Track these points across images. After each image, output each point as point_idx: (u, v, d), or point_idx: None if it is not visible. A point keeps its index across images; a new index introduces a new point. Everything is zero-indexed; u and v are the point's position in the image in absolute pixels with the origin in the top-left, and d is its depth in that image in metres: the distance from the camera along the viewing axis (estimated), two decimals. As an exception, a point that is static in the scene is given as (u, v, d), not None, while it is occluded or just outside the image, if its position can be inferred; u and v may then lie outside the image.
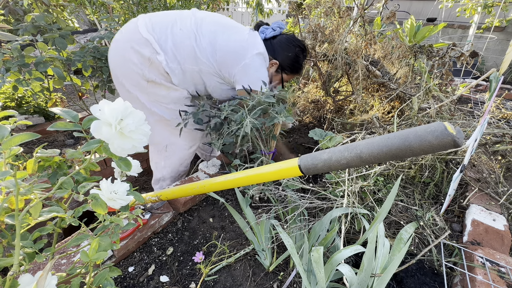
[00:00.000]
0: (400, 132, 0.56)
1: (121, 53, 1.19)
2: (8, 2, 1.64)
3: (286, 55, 1.32)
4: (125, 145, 0.50)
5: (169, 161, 1.44)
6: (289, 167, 0.73)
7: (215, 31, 1.21)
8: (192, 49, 1.18)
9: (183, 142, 1.42)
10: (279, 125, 1.15)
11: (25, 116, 1.78)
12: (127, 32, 1.19)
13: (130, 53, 1.16)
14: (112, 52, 1.23)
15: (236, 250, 1.06)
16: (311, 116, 2.30)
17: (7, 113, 0.59)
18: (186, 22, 1.19)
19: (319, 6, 1.99)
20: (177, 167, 1.48)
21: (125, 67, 1.20)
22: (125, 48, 1.17)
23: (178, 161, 1.47)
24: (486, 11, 3.59)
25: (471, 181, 1.28)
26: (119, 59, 1.21)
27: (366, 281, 0.73)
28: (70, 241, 0.58)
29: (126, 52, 1.17)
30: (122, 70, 1.22)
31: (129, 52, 1.16)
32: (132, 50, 1.15)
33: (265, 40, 1.31)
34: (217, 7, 3.36)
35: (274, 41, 1.32)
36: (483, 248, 0.95)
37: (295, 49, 1.33)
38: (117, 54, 1.21)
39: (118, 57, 1.21)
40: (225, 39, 1.21)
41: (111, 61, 1.24)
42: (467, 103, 2.31)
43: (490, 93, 1.16)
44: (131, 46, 1.15)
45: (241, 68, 1.21)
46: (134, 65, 1.17)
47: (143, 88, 1.23)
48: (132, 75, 1.20)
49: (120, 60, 1.20)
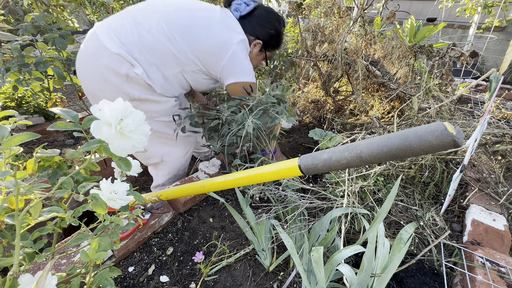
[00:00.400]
0: (400, 132, 0.56)
1: (95, 73, 1.06)
2: (8, 2, 1.64)
3: (268, 33, 1.24)
4: (125, 145, 0.50)
5: (167, 170, 1.41)
6: (289, 167, 0.73)
7: (189, 28, 1.08)
8: (169, 52, 1.07)
9: (178, 149, 1.38)
10: (279, 125, 1.15)
11: (25, 116, 1.78)
12: (93, 48, 1.04)
13: (105, 73, 1.03)
14: (83, 68, 1.09)
15: (236, 250, 1.06)
16: (311, 116, 2.30)
17: (7, 113, 0.59)
18: (151, 20, 1.05)
19: (319, 6, 1.99)
20: (176, 173, 1.47)
21: (105, 87, 1.08)
22: (97, 67, 1.04)
23: (176, 169, 1.45)
24: (486, 11, 3.59)
25: (471, 181, 1.28)
26: (95, 78, 1.07)
27: (366, 281, 0.73)
28: (70, 241, 0.58)
29: (100, 72, 1.04)
30: (102, 89, 1.09)
31: (103, 72, 1.03)
32: (106, 69, 1.03)
33: (241, 18, 1.19)
34: (217, 7, 3.36)
35: (251, 18, 1.20)
36: (483, 248, 0.95)
37: (275, 24, 1.24)
38: (91, 73, 1.07)
39: (93, 77, 1.08)
40: (202, 38, 1.09)
41: (85, 78, 1.10)
42: (467, 103, 2.31)
43: (490, 93, 1.16)
44: (104, 65, 1.02)
45: (226, 63, 1.13)
46: (114, 85, 1.06)
47: None
48: (115, 95, 1.05)
49: (96, 79, 1.07)
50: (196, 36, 1.09)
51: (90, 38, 1.06)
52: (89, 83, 1.11)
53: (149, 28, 1.03)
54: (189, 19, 1.09)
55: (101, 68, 1.03)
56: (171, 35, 1.05)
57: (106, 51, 1.00)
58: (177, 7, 1.10)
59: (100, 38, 1.01)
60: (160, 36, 1.04)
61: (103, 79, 1.05)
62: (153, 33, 1.03)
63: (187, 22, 1.08)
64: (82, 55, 1.08)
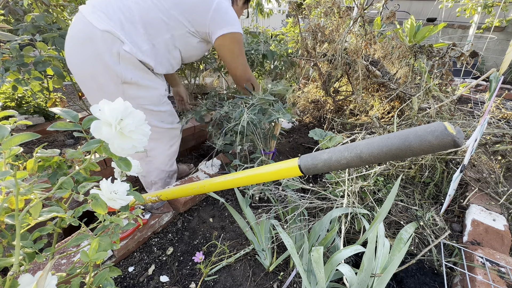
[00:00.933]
0: (400, 132, 0.56)
1: (86, 55, 1.03)
2: (8, 2, 1.64)
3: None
4: (125, 145, 0.50)
5: (153, 165, 1.38)
6: (289, 167, 0.73)
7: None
8: (158, 18, 1.06)
9: (161, 144, 1.35)
10: (279, 125, 1.15)
11: (25, 116, 1.78)
12: (81, 30, 1.01)
13: (97, 53, 1.01)
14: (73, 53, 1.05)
15: (236, 250, 1.06)
16: (311, 116, 2.30)
17: (7, 113, 0.59)
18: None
19: (319, 6, 1.99)
20: (163, 168, 1.43)
21: (97, 69, 1.05)
22: (88, 49, 1.01)
23: (162, 164, 1.41)
24: (486, 11, 3.60)
25: (471, 181, 1.28)
26: (87, 61, 1.04)
27: (366, 281, 0.73)
28: (70, 241, 0.58)
29: (92, 54, 1.01)
30: (94, 73, 1.06)
31: (95, 53, 1.01)
32: (98, 49, 1.00)
33: None
34: (217, 7, 3.36)
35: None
36: (483, 248, 0.95)
37: None
38: (82, 56, 1.04)
39: (84, 60, 1.04)
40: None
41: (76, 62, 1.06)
42: (467, 103, 2.31)
43: (490, 93, 1.16)
44: (95, 46, 0.99)
45: (212, 15, 1.12)
46: (106, 67, 1.03)
47: (120, 93, 1.10)
48: (106, 77, 1.06)
49: (88, 62, 1.04)
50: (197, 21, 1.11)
51: (76, 20, 1.03)
52: (80, 67, 1.07)
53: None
54: None
55: (92, 49, 1.01)
56: (157, 1, 1.05)
57: (95, 30, 0.98)
58: None
59: (87, 18, 0.99)
60: (146, 4, 1.04)
61: (95, 60, 1.02)
62: (139, 2, 1.03)
63: None
64: (71, 39, 1.04)
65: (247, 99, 1.12)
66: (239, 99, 1.16)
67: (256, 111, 1.02)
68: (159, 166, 1.40)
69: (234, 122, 1.04)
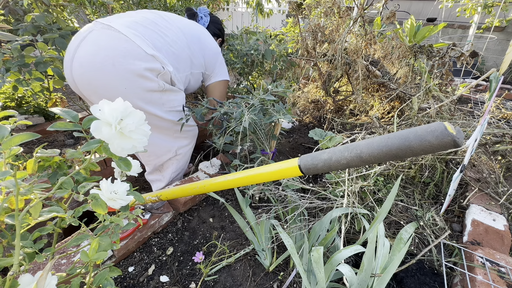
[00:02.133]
0: (400, 132, 0.56)
1: (124, 70, 1.08)
2: (8, 2, 1.64)
3: (220, 30, 1.70)
4: (125, 145, 0.50)
5: (179, 164, 1.47)
6: (289, 167, 0.73)
7: (200, 39, 1.39)
8: (188, 57, 1.32)
9: (187, 141, 1.46)
10: (279, 125, 1.15)
11: (25, 116, 1.78)
12: (124, 48, 1.07)
13: (137, 71, 1.09)
14: (107, 67, 1.07)
15: (236, 250, 1.06)
16: (311, 116, 2.30)
17: (7, 113, 0.59)
18: (172, 31, 1.25)
19: (319, 6, 1.99)
20: (184, 167, 1.54)
21: (133, 86, 1.12)
22: (129, 66, 1.08)
23: (186, 162, 1.53)
24: (486, 11, 3.59)
25: (471, 181, 1.28)
26: (122, 76, 1.09)
27: (366, 281, 0.73)
28: (70, 241, 0.58)
29: (132, 70, 1.09)
30: (128, 88, 1.12)
31: (136, 70, 1.09)
32: (140, 67, 1.09)
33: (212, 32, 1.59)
34: (217, 7, 3.36)
35: (210, 24, 1.63)
36: (483, 248, 0.95)
37: (220, 23, 1.72)
38: (118, 71, 1.08)
39: (119, 75, 1.09)
40: (208, 46, 1.43)
41: (107, 76, 1.08)
42: (467, 103, 2.31)
43: (490, 93, 1.16)
44: (138, 64, 1.09)
45: (218, 64, 1.50)
46: (148, 80, 1.13)
47: (156, 100, 1.20)
48: (143, 93, 1.15)
49: (123, 78, 1.09)
50: (205, 45, 1.41)
51: (116, 37, 1.07)
52: (109, 81, 1.09)
53: (173, 39, 1.24)
54: (196, 31, 1.39)
55: (133, 66, 1.09)
56: (189, 44, 1.32)
57: (141, 52, 1.10)
58: (184, 23, 1.36)
59: (133, 40, 1.08)
60: (183, 44, 1.29)
61: (133, 76, 1.11)
62: (178, 43, 1.26)
63: (197, 34, 1.39)
64: (106, 54, 1.06)
65: (247, 99, 1.12)
66: (239, 98, 1.16)
67: (256, 111, 1.03)
68: (181, 164, 1.50)
69: (235, 122, 1.04)
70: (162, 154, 1.39)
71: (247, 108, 1.05)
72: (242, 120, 1.00)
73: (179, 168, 1.49)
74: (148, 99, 1.19)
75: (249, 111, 1.02)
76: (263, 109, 1.08)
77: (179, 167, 1.48)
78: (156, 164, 1.41)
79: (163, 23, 1.25)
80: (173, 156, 1.42)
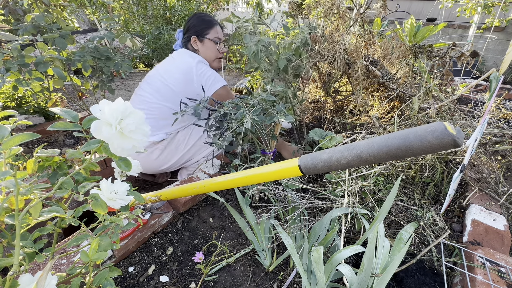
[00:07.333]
0: (400, 132, 0.56)
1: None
2: (8, 2, 1.64)
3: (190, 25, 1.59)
4: (125, 145, 0.50)
5: None
6: (289, 167, 0.73)
7: (162, 79, 1.48)
8: (171, 91, 1.48)
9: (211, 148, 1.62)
10: (279, 125, 1.15)
11: (25, 116, 1.78)
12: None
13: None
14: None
15: (236, 250, 1.06)
16: (311, 116, 2.30)
17: (7, 113, 0.59)
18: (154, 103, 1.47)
19: (319, 6, 1.99)
20: None
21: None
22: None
23: None
24: (486, 11, 3.59)
25: (471, 181, 1.28)
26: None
27: (366, 281, 0.73)
28: (70, 241, 0.58)
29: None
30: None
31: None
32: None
33: (184, 45, 1.62)
34: (217, 7, 3.36)
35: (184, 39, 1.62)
36: (483, 248, 0.95)
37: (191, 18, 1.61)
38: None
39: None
40: (173, 78, 1.47)
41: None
42: (467, 103, 2.31)
43: (490, 93, 1.16)
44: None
45: (205, 79, 1.49)
46: None
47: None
48: None
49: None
50: (168, 80, 1.48)
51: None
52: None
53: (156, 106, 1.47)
54: (159, 71, 1.51)
55: None
56: (173, 85, 1.48)
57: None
58: (175, 78, 1.48)
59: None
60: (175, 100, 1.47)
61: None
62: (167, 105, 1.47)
63: (158, 77, 1.50)
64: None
65: (247, 99, 1.12)
66: (239, 99, 1.16)
67: (258, 112, 1.02)
68: None
69: (236, 122, 1.04)
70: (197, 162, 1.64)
71: (248, 109, 1.05)
72: (244, 121, 1.00)
73: None
74: None
75: (251, 112, 1.02)
76: (264, 109, 1.08)
77: None
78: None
79: (147, 93, 1.47)
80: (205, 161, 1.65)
